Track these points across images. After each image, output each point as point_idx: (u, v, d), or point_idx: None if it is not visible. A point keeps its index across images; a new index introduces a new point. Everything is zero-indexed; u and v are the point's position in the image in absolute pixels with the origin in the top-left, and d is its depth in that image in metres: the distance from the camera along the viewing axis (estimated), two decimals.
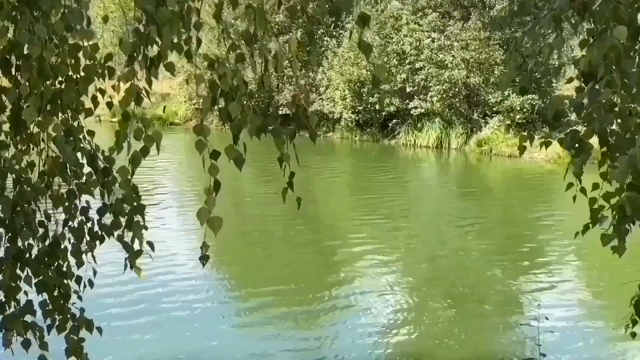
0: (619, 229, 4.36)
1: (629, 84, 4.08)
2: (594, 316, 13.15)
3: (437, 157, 35.25)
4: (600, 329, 12.27)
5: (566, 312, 13.03)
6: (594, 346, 11.73)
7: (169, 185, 25.98)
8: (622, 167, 4.00)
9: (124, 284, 13.18)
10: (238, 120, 3.75)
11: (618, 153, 4.20)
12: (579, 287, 15.13)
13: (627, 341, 6.13)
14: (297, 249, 17.38)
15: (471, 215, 22.12)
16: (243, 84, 3.75)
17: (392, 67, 37.14)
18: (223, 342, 11.40)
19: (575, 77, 4.26)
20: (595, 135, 4.33)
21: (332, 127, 39.96)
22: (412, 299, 13.80)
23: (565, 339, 11.46)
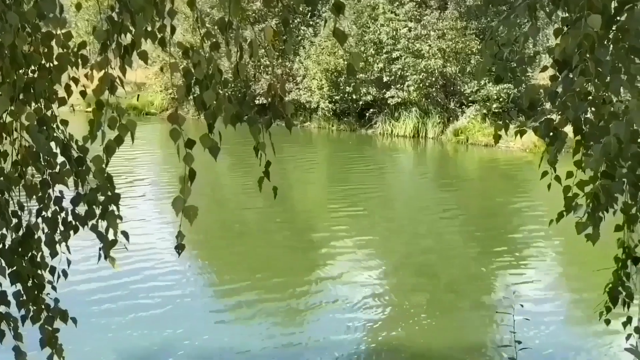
0: (593, 217, 4.39)
1: (603, 72, 4.10)
2: (569, 303, 13.29)
3: (414, 147, 35.34)
4: (575, 316, 12.41)
5: (541, 299, 13.13)
6: (568, 333, 11.85)
7: (145, 175, 25.83)
8: (596, 155, 4.02)
9: (103, 274, 13.21)
10: (213, 108, 3.72)
11: (592, 141, 4.23)
12: (555, 274, 15.27)
13: (602, 328, 6.18)
14: (276, 241, 17.37)
15: (448, 204, 22.22)
16: (218, 72, 3.72)
17: (369, 57, 37.13)
18: (202, 335, 11.37)
19: (550, 66, 4.27)
20: (570, 123, 4.36)
21: (309, 116, 39.89)
22: (389, 288, 13.87)
23: (540, 326, 11.56)
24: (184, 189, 3.65)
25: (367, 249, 16.56)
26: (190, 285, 13.70)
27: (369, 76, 37.29)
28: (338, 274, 14.60)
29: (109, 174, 4.17)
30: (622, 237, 5.55)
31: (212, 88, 3.70)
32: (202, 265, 15.31)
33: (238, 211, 20.63)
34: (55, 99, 4.43)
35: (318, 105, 38.67)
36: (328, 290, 13.60)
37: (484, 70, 4.43)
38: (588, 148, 4.30)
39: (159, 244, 15.90)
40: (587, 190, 4.46)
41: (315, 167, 30.03)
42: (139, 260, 14.39)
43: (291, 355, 10.83)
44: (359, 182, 25.60)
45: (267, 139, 4.10)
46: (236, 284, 13.98)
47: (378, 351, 11.10)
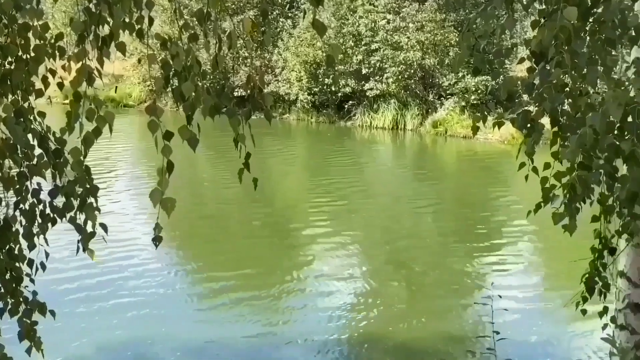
0: (570, 208, 4.43)
1: (579, 64, 4.14)
2: (547, 294, 13.40)
3: (393, 139, 35.40)
4: (553, 307, 12.50)
5: (519, 290, 13.23)
6: (546, 323, 11.95)
7: (123, 168, 25.69)
8: (572, 146, 4.06)
9: (83, 268, 13.27)
10: (191, 100, 3.72)
11: (569, 133, 4.26)
12: (533, 265, 15.38)
13: (579, 318, 6.24)
14: (256, 233, 17.37)
15: (427, 196, 22.29)
16: (196, 63, 3.72)
17: (348, 49, 37.14)
18: (185, 330, 11.36)
19: (527, 58, 4.30)
20: (547, 115, 4.39)
21: (288, 108, 39.83)
22: (370, 281, 13.91)
23: (518, 317, 11.68)
24: (162, 181, 3.65)
25: (347, 242, 16.58)
26: (172, 280, 13.67)
27: (348, 68, 37.30)
28: (318, 268, 14.63)
29: (87, 165, 4.15)
30: (598, 228, 5.61)
31: (191, 80, 3.70)
32: (183, 259, 15.30)
33: (218, 204, 20.59)
34: (33, 91, 4.40)
35: (297, 97, 38.63)
36: (309, 285, 13.63)
37: (460, 62, 4.46)
38: (565, 139, 4.34)
39: (136, 238, 15.85)
40: (564, 182, 4.49)
41: (295, 159, 30.01)
42: (118, 255, 14.40)
43: (274, 348, 10.86)
44: (338, 174, 25.60)
45: (246, 130, 4.10)
46: (217, 279, 13.96)
47: (360, 343, 11.15)
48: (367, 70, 36.99)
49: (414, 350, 10.72)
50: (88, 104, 3.90)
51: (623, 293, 6.18)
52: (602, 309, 5.80)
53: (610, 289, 5.97)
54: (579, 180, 4.21)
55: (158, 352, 10.64)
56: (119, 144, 28.77)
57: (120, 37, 3.96)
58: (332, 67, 35.10)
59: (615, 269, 5.91)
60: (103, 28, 3.91)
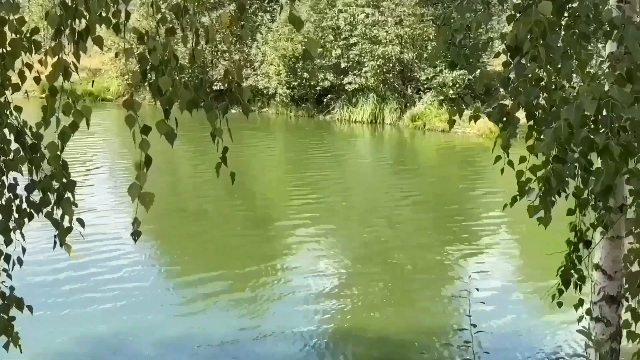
0: (545, 201, 4.47)
1: (554, 58, 4.17)
2: (524, 287, 13.50)
3: (372, 133, 35.43)
4: (530, 299, 12.60)
5: (497, 283, 13.33)
6: (523, 316, 12.06)
7: (102, 163, 25.47)
8: (547, 139, 4.10)
9: (63, 264, 13.25)
10: (169, 94, 3.72)
11: (544, 126, 4.30)
12: (511, 258, 15.49)
13: (556, 310, 6.31)
14: (236, 229, 17.32)
15: (406, 189, 22.35)
16: (173, 58, 3.71)
17: (327, 43, 37.14)
18: (162, 321, 11.37)
19: (502, 52, 4.34)
20: (522, 109, 4.43)
21: (267, 102, 39.73)
22: (349, 274, 13.95)
23: (496, 310, 11.75)
24: (140, 175, 3.65)
25: (327, 237, 16.61)
26: (152, 276, 13.65)
27: (327, 62, 37.28)
28: (298, 262, 14.67)
29: (64, 160, 4.14)
30: (574, 221, 5.68)
31: (168, 74, 3.69)
32: (163, 255, 15.28)
33: (197, 199, 20.53)
34: (9, 85, 4.38)
35: (276, 91, 38.54)
36: (288, 279, 13.65)
37: (437, 56, 4.48)
38: (541, 133, 4.38)
39: (116, 233, 15.78)
40: (539, 175, 4.54)
41: (274, 154, 29.97)
42: (97, 250, 14.34)
43: (253, 341, 10.84)
44: (318, 168, 25.60)
45: (224, 124, 4.11)
46: (197, 273, 13.93)
47: (339, 336, 11.18)
48: (346, 64, 36.99)
49: (392, 343, 10.75)
50: (65, 98, 3.88)
51: (598, 286, 6.25)
52: (578, 301, 5.87)
53: (586, 282, 6.04)
54: (554, 173, 4.26)
55: (137, 346, 10.62)
56: (97, 138, 28.63)
57: (98, 31, 3.95)
58: (311, 61, 35.04)
59: (590, 261, 5.98)
60: (80, 22, 3.90)
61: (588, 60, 4.23)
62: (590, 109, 4.00)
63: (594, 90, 4.00)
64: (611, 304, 6.16)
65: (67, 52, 3.79)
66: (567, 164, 4.30)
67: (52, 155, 4.02)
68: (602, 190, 4.31)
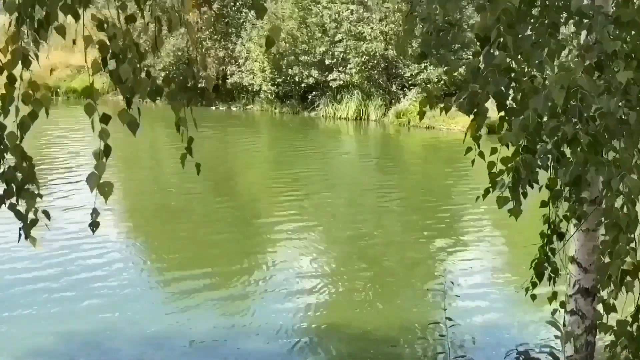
0: (515, 191, 4.43)
1: (524, 47, 4.13)
2: (502, 280, 13.52)
3: (357, 129, 35.39)
4: (507, 293, 12.64)
5: (481, 278, 13.44)
6: (500, 309, 12.09)
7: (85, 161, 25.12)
8: (515, 129, 4.06)
9: (40, 260, 13.24)
10: (129, 83, 3.65)
11: (513, 116, 4.26)
12: (496, 254, 15.50)
13: (532, 303, 6.28)
14: (220, 226, 17.23)
15: (391, 186, 22.38)
16: (134, 45, 3.65)
17: (311, 39, 37.12)
18: (142, 318, 11.31)
19: (471, 42, 4.29)
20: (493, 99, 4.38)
21: (252, 99, 39.63)
22: (332, 270, 13.96)
23: (471, 303, 11.85)
24: (99, 164, 3.58)
25: (311, 233, 16.55)
26: (135, 273, 13.53)
27: (311, 59, 37.21)
28: (282, 259, 14.65)
29: (24, 151, 4.06)
30: (547, 213, 5.64)
31: (128, 62, 3.63)
32: (146, 252, 15.20)
33: (182, 196, 20.41)
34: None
35: (260, 87, 38.43)
36: (272, 275, 13.62)
37: (404, 46, 4.42)
38: (511, 124, 4.33)
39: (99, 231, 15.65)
40: (509, 166, 4.50)
41: (259, 150, 29.86)
42: (76, 246, 14.34)
43: (234, 338, 10.81)
44: (303, 165, 25.54)
45: (188, 114, 4.05)
46: (180, 271, 13.88)
47: (322, 335, 11.13)
48: (331, 60, 36.94)
49: (372, 339, 10.73)
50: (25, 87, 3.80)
51: (574, 278, 6.23)
52: (552, 294, 5.84)
53: (561, 274, 6.01)
54: (523, 163, 4.21)
55: (115, 342, 10.54)
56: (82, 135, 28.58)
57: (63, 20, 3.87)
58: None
59: (564, 254, 5.95)
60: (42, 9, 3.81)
61: (558, 50, 4.18)
62: (558, 99, 3.96)
63: (563, 79, 3.96)
64: (586, 297, 6.15)
65: (25, 40, 3.71)
66: (536, 155, 4.26)
67: (11, 146, 3.94)
68: (572, 180, 4.27)
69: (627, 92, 4.17)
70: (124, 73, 3.61)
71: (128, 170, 22.72)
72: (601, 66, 4.22)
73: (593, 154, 4.09)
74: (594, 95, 4.03)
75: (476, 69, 4.32)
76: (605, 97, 4.07)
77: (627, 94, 4.18)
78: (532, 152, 4.23)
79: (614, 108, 4.05)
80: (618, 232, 4.21)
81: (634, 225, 4.18)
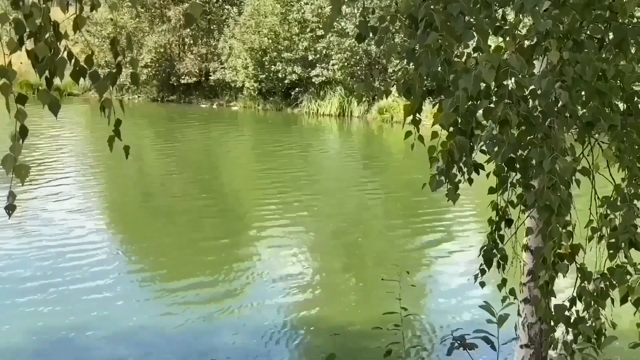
0: (448, 174, 4.37)
1: (456, 27, 4.06)
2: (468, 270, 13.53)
3: (340, 126, 35.35)
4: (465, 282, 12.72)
5: (432, 268, 13.76)
6: (460, 298, 12.25)
7: (68, 159, 24.89)
8: (446, 110, 4.00)
9: (15, 256, 13.36)
10: (45, 62, 3.56)
11: (446, 97, 4.19)
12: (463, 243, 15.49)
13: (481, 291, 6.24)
14: (200, 220, 17.19)
15: (374, 182, 22.42)
16: (49, 23, 3.56)
17: (294, 36, 37.04)
18: (118, 314, 11.26)
19: (403, 22, 4.23)
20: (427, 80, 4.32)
21: (235, 96, 39.56)
22: (314, 266, 14.03)
23: (425, 293, 12.19)
24: (15, 146, 3.50)
25: (294, 229, 16.51)
26: (115, 271, 13.38)
27: (294, 55, 37.13)
28: (264, 256, 14.67)
29: None
30: (495, 200, 5.59)
31: (45, 41, 3.54)
32: (123, 247, 15.15)
33: (163, 193, 20.35)
34: None
35: (243, 84, 38.36)
36: (253, 271, 13.64)
37: (331, 25, 4.36)
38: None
39: (76, 227, 15.77)
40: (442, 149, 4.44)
41: (242, 147, 29.77)
42: (60, 244, 14.39)
43: (213, 335, 10.78)
44: (286, 161, 25.49)
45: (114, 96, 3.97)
46: (161, 267, 13.87)
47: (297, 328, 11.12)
48: (313, 57, 36.88)
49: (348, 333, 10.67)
50: None
51: (527, 266, 6.18)
52: (501, 281, 5.78)
53: (512, 262, 5.95)
54: (456, 145, 4.15)
55: (88, 338, 10.47)
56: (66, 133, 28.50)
57: None
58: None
59: (516, 241, 5.90)
60: None
61: (490, 29, 4.12)
62: (488, 78, 3.90)
63: (493, 59, 3.90)
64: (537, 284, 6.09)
65: None
66: (468, 136, 4.19)
67: None
68: (505, 162, 4.22)
69: (562, 73, 4.12)
70: (41, 52, 3.53)
71: (114, 167, 22.66)
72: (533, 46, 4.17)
73: (525, 135, 4.04)
74: (525, 75, 3.98)
75: (411, 51, 4.25)
76: (536, 77, 4.02)
77: (562, 75, 4.13)
78: (464, 134, 4.17)
79: (547, 88, 3.99)
80: (550, 214, 4.16)
81: (566, 207, 4.13)
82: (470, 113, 4.08)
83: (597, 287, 4.91)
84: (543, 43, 4.08)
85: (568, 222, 4.45)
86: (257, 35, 37.28)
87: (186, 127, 31.25)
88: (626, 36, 4.53)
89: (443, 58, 4.05)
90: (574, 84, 4.14)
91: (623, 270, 4.92)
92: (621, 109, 4.83)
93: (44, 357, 9.95)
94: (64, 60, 3.62)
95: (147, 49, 38.89)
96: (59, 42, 3.64)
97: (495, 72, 3.86)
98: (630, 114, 4.84)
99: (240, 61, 37.90)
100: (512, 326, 5.90)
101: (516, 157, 4.23)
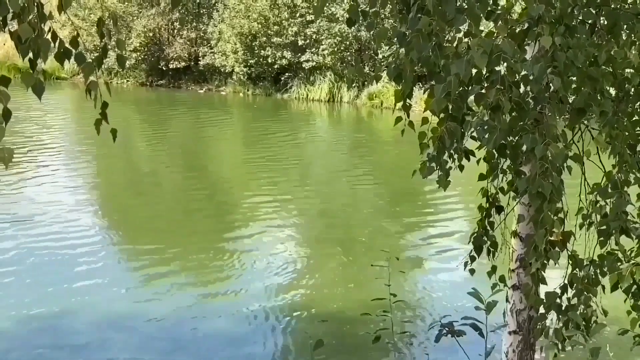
0: (438, 160, 4.33)
1: (447, 12, 4.01)
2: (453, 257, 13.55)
3: (330, 111, 35.27)
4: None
5: (422, 254, 13.79)
6: (439, 282, 12.37)
7: (57, 143, 24.66)
8: (437, 95, 3.95)
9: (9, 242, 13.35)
10: (29, 43, 3.49)
11: (438, 83, 4.14)
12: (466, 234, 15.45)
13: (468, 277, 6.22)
14: (191, 206, 17.19)
15: (362, 167, 22.44)
16: (33, 4, 3.48)
17: (283, 20, 36.89)
18: (105, 300, 11.23)
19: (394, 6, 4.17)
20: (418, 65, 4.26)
21: (224, 81, 39.38)
22: (304, 252, 14.05)
23: (414, 279, 12.23)
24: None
25: (283, 215, 16.49)
26: (99, 253, 13.39)
27: (284, 40, 36.98)
28: (254, 240, 14.61)
29: None
30: (485, 186, 5.55)
31: (29, 22, 3.47)
32: (112, 233, 15.10)
33: (154, 178, 20.30)
34: None
35: (233, 69, 38.18)
36: (243, 257, 13.59)
37: (321, 9, 4.31)
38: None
39: (66, 212, 15.74)
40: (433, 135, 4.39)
41: (231, 132, 29.71)
42: (48, 231, 14.35)
43: (204, 320, 10.78)
44: (275, 147, 25.41)
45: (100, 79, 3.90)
46: (151, 252, 13.81)
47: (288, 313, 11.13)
48: (303, 42, 36.74)
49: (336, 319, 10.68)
50: None
51: (516, 253, 6.15)
52: (491, 268, 5.75)
53: (501, 248, 5.92)
54: (447, 131, 4.11)
55: (76, 323, 10.46)
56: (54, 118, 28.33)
57: None
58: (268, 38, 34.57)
59: (505, 228, 5.86)
60: None
61: (481, 13, 4.06)
62: (481, 64, 3.85)
63: (485, 44, 3.85)
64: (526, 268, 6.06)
65: None
66: (459, 122, 4.14)
67: None
68: (496, 148, 4.18)
69: (554, 58, 4.08)
70: (24, 33, 3.45)
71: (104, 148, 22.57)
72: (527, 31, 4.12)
73: (517, 121, 3.99)
74: (517, 60, 3.93)
75: (402, 35, 4.20)
76: (529, 62, 3.97)
77: (554, 60, 4.08)
78: (455, 120, 4.12)
79: (539, 74, 3.95)
80: (542, 201, 4.12)
81: (558, 194, 4.09)
82: (461, 99, 4.03)
83: (588, 274, 4.88)
84: (535, 28, 4.03)
85: (559, 209, 4.42)
86: (246, 19, 37.09)
87: (174, 111, 31.10)
88: (618, 21, 4.50)
89: (434, 43, 3.99)
90: (566, 69, 4.10)
91: (614, 257, 4.89)
92: (612, 95, 4.80)
93: (32, 342, 9.91)
94: (47, 42, 3.55)
95: (136, 33, 38.66)
96: (43, 24, 3.57)
97: (488, 57, 3.81)
98: (621, 100, 4.81)
99: (230, 46, 37.71)
100: (500, 313, 5.87)
101: (507, 143, 4.18)
